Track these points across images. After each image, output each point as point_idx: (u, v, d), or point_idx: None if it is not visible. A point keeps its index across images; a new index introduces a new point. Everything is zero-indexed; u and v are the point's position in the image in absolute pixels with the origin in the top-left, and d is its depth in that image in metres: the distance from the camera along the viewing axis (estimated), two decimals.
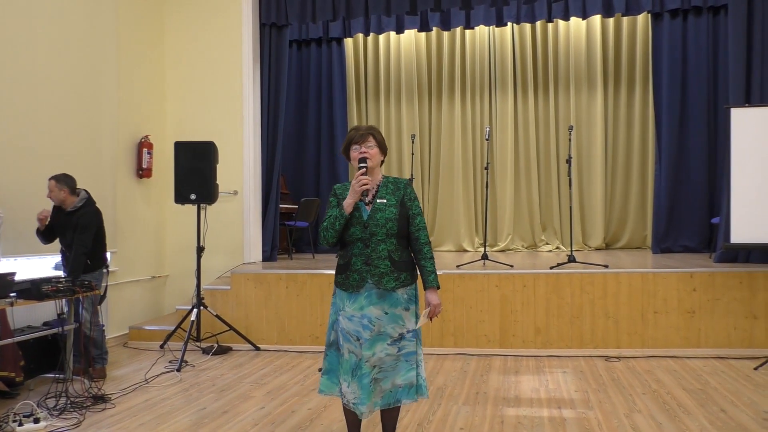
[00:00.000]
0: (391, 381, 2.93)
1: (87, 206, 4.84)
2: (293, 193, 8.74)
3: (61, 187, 4.74)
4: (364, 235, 2.91)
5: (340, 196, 2.99)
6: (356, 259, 2.92)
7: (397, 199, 2.97)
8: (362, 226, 2.91)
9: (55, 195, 4.75)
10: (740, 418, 3.72)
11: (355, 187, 2.86)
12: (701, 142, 7.52)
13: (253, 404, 4.22)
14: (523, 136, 8.58)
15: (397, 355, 2.92)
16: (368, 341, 2.87)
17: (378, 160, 3.01)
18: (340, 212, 2.91)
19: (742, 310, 5.44)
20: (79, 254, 4.69)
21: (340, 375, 2.93)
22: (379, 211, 2.92)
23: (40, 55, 5.39)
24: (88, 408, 4.12)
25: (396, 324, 2.93)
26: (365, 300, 2.90)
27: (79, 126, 5.87)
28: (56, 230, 4.86)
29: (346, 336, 2.90)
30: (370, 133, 2.99)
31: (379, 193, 2.97)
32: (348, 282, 2.93)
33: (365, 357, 2.86)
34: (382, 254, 2.90)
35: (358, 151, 2.97)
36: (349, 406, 2.89)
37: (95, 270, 4.92)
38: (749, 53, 6.13)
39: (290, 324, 6.05)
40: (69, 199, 4.78)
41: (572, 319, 5.61)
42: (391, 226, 2.92)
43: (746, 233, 5.36)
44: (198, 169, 5.80)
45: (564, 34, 8.45)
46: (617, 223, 8.36)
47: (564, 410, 3.96)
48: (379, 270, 2.90)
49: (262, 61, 7.25)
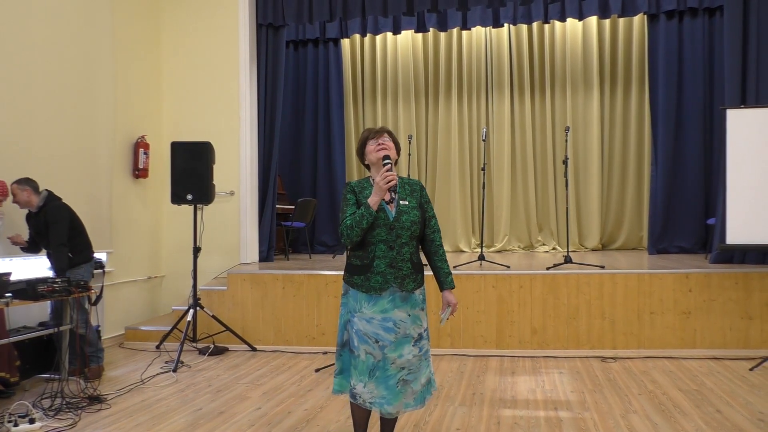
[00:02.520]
0: (420, 381, 2.94)
1: (50, 201, 4.81)
2: (290, 193, 8.73)
3: (23, 188, 4.71)
4: (389, 237, 2.86)
5: (359, 194, 2.94)
6: (380, 262, 2.87)
7: (417, 201, 2.96)
8: (388, 227, 2.86)
9: (20, 197, 4.72)
10: (735, 418, 3.73)
11: (381, 184, 2.77)
12: (697, 143, 7.54)
13: (249, 405, 4.21)
14: (519, 137, 8.60)
15: (420, 354, 2.94)
16: (393, 344, 2.86)
17: (395, 157, 2.99)
18: (366, 210, 2.81)
19: (737, 311, 5.46)
20: (57, 247, 4.68)
21: (353, 375, 2.91)
22: (405, 214, 2.89)
23: (35, 56, 5.38)
24: (84, 408, 4.11)
25: (416, 324, 2.94)
26: (389, 303, 2.88)
27: (75, 126, 5.86)
28: (35, 237, 4.85)
29: (363, 337, 2.87)
30: (385, 131, 3.00)
31: (399, 194, 2.94)
32: (369, 284, 2.88)
33: (390, 359, 2.85)
34: (405, 257, 2.89)
35: (375, 143, 2.93)
36: (365, 406, 2.88)
37: (81, 264, 4.91)
38: (745, 54, 6.15)
39: (287, 325, 6.05)
40: (33, 198, 4.75)
41: (568, 319, 5.62)
42: (415, 229, 2.91)
43: (742, 234, 5.38)
44: (194, 169, 5.79)
45: (560, 35, 8.47)
46: (613, 224, 8.38)
47: (560, 411, 3.97)
48: (402, 272, 2.88)
49: (259, 61, 7.24)
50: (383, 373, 2.86)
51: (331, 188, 8.63)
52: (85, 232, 5.03)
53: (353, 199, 2.94)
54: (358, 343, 2.88)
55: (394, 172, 2.85)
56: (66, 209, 4.88)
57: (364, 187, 2.97)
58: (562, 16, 7.90)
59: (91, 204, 5.92)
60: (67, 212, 4.88)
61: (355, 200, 2.94)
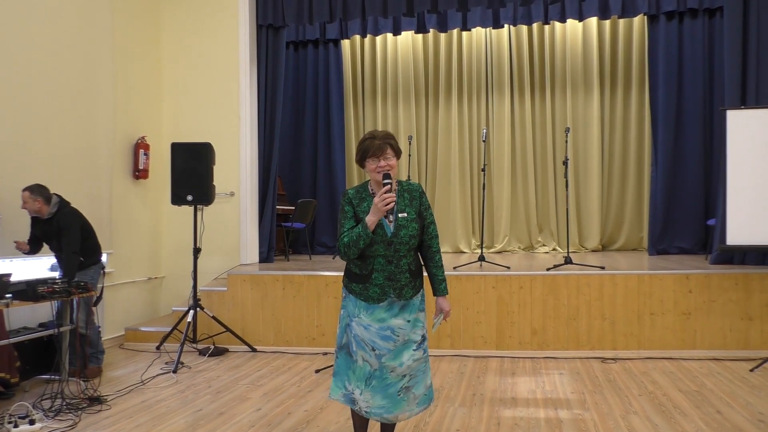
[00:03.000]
0: (423, 384, 2.93)
1: (62, 208, 4.84)
2: (290, 194, 8.73)
3: (36, 198, 4.72)
4: (387, 252, 2.84)
5: (356, 206, 2.88)
6: (378, 275, 2.85)
7: (416, 211, 2.90)
8: (386, 243, 2.82)
9: (30, 206, 4.73)
10: (736, 419, 3.73)
11: (379, 206, 2.70)
12: (697, 144, 7.54)
13: (249, 406, 4.21)
14: (519, 138, 8.60)
15: (423, 357, 2.92)
16: (392, 352, 2.84)
17: (395, 176, 2.88)
18: (364, 231, 2.76)
19: (737, 312, 5.45)
20: (70, 254, 4.72)
21: (351, 380, 2.89)
22: (403, 228, 2.84)
23: (35, 57, 5.38)
24: (84, 409, 4.12)
25: (417, 328, 2.92)
26: (386, 312, 2.86)
27: (76, 127, 5.86)
28: (41, 239, 4.88)
29: (360, 343, 2.86)
30: (387, 143, 2.83)
31: (398, 205, 2.86)
32: (367, 294, 2.87)
33: (389, 368, 2.83)
34: (403, 268, 2.87)
35: (376, 164, 2.80)
36: (362, 414, 2.88)
37: (90, 267, 4.94)
38: (745, 55, 6.15)
39: (287, 325, 6.05)
40: (44, 208, 4.76)
41: (569, 320, 5.62)
42: (414, 243, 2.89)
43: (742, 235, 5.38)
44: (195, 170, 5.79)
45: (560, 36, 8.47)
46: (613, 224, 8.38)
47: (560, 411, 3.96)
48: (401, 283, 2.87)
49: (259, 62, 7.24)
50: (381, 382, 2.84)
51: (331, 189, 8.63)
52: (94, 235, 5.06)
53: (351, 212, 2.89)
54: (356, 348, 2.88)
55: (394, 194, 2.76)
56: (77, 215, 4.91)
57: (363, 198, 2.89)
58: (562, 17, 7.90)
59: (92, 205, 5.91)
60: (79, 218, 4.91)
61: (353, 213, 2.88)
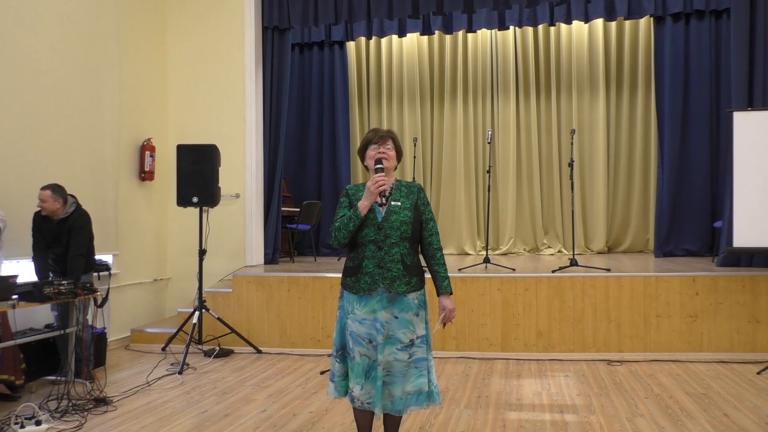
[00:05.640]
0: (401, 388, 2.86)
1: (78, 209, 4.85)
2: (295, 196, 8.74)
3: (57, 199, 4.69)
4: (377, 237, 2.85)
5: (352, 197, 2.95)
6: (368, 262, 2.86)
7: (411, 203, 2.93)
8: (376, 227, 2.86)
9: (49, 206, 4.67)
10: (743, 422, 3.71)
11: (371, 188, 2.80)
12: (703, 146, 7.51)
13: (254, 407, 4.21)
14: (525, 140, 8.59)
15: (408, 361, 2.87)
16: (381, 345, 2.84)
17: (393, 165, 2.97)
18: (354, 213, 2.84)
19: (744, 314, 5.43)
20: (78, 255, 4.73)
21: (350, 379, 2.90)
22: (394, 214, 2.88)
23: (41, 59, 5.41)
24: (90, 410, 4.12)
25: (407, 329, 2.87)
26: (377, 303, 2.85)
27: (82, 129, 5.88)
28: (46, 239, 4.80)
29: (357, 339, 2.86)
30: (390, 137, 2.97)
31: (392, 196, 2.93)
32: (359, 285, 2.87)
33: (379, 360, 2.83)
34: (395, 257, 2.86)
35: (376, 150, 2.92)
36: (364, 407, 2.88)
37: (88, 272, 4.97)
38: (751, 57, 6.13)
39: (292, 327, 6.05)
40: (61, 209, 4.75)
41: (574, 322, 5.60)
42: (405, 229, 2.88)
43: (749, 237, 5.35)
44: (200, 172, 5.81)
45: (566, 38, 8.46)
46: (619, 226, 8.35)
47: (566, 414, 3.95)
48: (392, 273, 2.85)
49: (265, 64, 7.26)
50: (374, 372, 2.85)
51: (336, 191, 8.64)
52: (93, 238, 5.06)
53: (346, 202, 2.96)
54: (353, 345, 2.88)
55: (385, 177, 2.84)
56: (88, 218, 4.93)
57: (359, 190, 2.97)
58: (567, 18, 7.90)
59: (98, 206, 5.92)
60: (89, 221, 4.93)
61: (348, 203, 2.95)
